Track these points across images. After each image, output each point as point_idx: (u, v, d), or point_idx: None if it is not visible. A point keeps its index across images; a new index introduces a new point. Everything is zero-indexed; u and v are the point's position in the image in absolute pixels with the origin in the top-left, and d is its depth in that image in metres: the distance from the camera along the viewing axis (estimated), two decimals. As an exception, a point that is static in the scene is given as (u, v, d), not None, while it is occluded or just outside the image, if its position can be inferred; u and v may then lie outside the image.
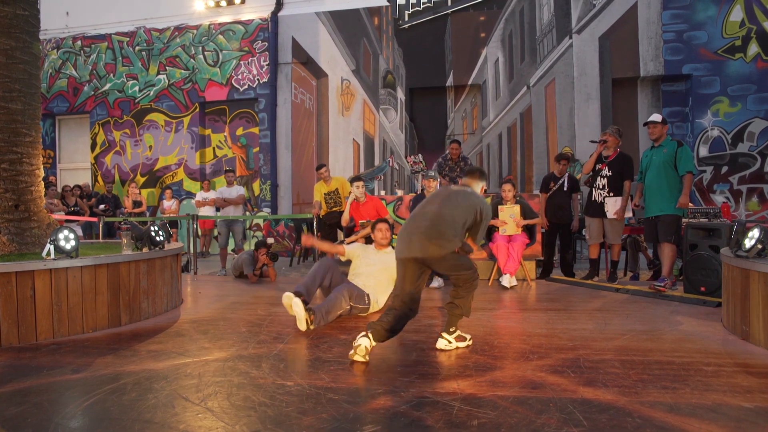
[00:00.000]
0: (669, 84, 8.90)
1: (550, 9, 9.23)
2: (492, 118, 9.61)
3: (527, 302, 4.95)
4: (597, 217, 5.70)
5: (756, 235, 3.40)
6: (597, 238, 5.77)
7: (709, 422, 2.07)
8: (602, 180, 5.65)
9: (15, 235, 4.23)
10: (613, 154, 5.66)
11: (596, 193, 5.70)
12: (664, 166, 5.13)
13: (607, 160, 5.66)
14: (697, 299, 4.61)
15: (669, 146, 5.16)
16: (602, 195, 5.64)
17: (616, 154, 5.66)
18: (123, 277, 4.01)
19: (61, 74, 11.25)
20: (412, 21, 9.82)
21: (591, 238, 5.84)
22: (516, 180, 9.29)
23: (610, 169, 5.62)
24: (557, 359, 2.94)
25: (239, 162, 10.70)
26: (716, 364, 2.85)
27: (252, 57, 10.36)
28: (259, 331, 3.72)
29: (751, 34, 8.33)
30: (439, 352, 3.14)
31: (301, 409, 2.25)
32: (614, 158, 5.64)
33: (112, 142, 11.07)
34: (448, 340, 3.18)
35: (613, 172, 5.60)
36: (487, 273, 6.26)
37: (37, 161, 4.56)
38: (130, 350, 3.28)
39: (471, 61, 9.64)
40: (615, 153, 5.67)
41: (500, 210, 5.89)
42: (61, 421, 2.19)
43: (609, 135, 5.68)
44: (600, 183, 5.67)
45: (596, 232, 5.75)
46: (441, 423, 2.09)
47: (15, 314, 3.40)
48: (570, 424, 2.06)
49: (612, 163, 5.62)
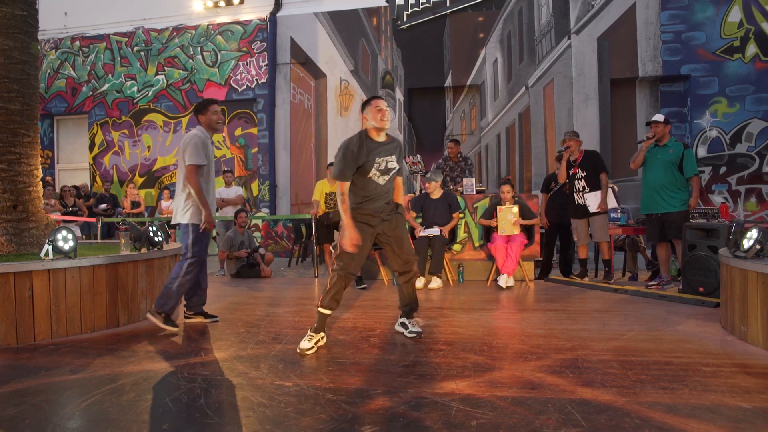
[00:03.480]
0: (667, 84, 8.91)
1: (549, 9, 9.23)
2: (490, 118, 9.62)
3: (525, 302, 4.95)
4: (582, 219, 5.86)
5: (754, 235, 3.41)
6: (585, 239, 5.94)
7: (708, 422, 2.07)
8: (579, 182, 5.86)
9: (13, 235, 4.23)
10: (580, 155, 5.88)
11: (578, 196, 5.88)
12: (670, 165, 5.20)
13: (577, 163, 5.87)
14: (696, 300, 4.61)
15: (675, 147, 5.24)
16: (584, 196, 5.82)
17: (582, 154, 5.88)
18: (121, 277, 4.00)
19: (60, 74, 11.23)
20: (411, 21, 9.82)
21: (579, 240, 6.00)
22: (514, 180, 9.29)
23: (583, 170, 5.83)
24: (556, 359, 2.94)
25: (238, 162, 10.69)
26: (715, 364, 2.85)
27: (250, 57, 10.35)
28: (257, 332, 3.71)
29: (749, 34, 8.34)
30: (439, 352, 3.13)
31: (299, 410, 2.25)
32: (582, 158, 5.86)
33: (111, 143, 11.05)
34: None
35: (587, 171, 5.80)
36: (485, 273, 6.26)
37: (36, 161, 4.55)
38: (129, 351, 3.28)
39: (469, 62, 9.64)
40: (581, 154, 5.88)
41: (499, 210, 5.89)
42: (59, 421, 2.18)
43: (569, 140, 5.90)
44: (578, 186, 5.87)
45: (583, 233, 5.91)
46: (440, 423, 2.08)
47: (13, 315, 3.39)
48: (569, 424, 2.06)
49: (582, 163, 5.84)
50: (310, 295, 5.50)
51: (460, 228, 6.41)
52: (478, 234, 6.45)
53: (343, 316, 4.23)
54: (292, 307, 4.73)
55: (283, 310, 4.59)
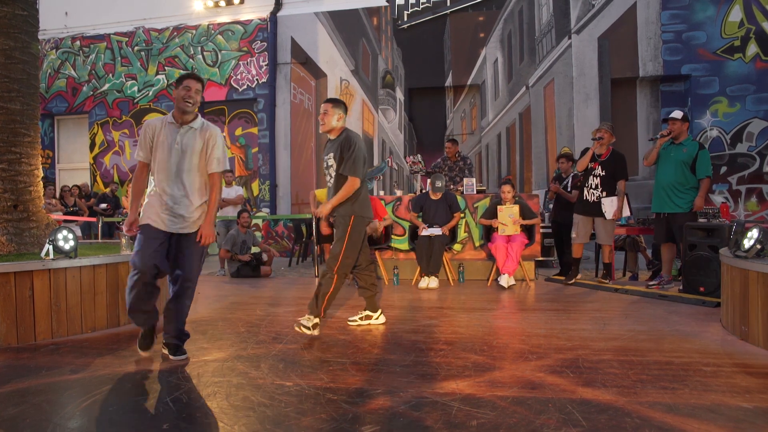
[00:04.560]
0: (668, 84, 8.90)
1: (549, 9, 9.23)
2: (491, 118, 9.61)
3: (526, 302, 4.95)
4: (588, 216, 5.58)
5: (755, 235, 3.41)
6: (584, 238, 5.65)
7: (708, 422, 2.07)
8: (595, 179, 5.54)
9: (14, 235, 4.23)
10: (606, 152, 5.54)
11: (589, 193, 5.58)
12: (683, 165, 5.02)
13: (601, 159, 5.54)
14: (696, 299, 4.61)
15: (690, 146, 5.05)
16: (595, 195, 5.53)
17: (609, 152, 5.54)
18: (122, 277, 4.00)
19: (60, 74, 11.23)
20: (411, 21, 9.81)
21: (578, 237, 5.68)
22: (515, 180, 9.29)
23: (603, 169, 5.51)
24: (556, 359, 2.94)
25: (238, 162, 10.69)
26: (715, 364, 2.85)
27: (251, 57, 10.35)
28: (257, 332, 3.72)
29: (750, 34, 8.34)
30: (439, 351, 3.13)
31: (299, 410, 2.25)
32: (607, 157, 5.53)
33: (111, 142, 11.06)
34: None
35: (606, 172, 5.50)
36: (485, 273, 6.26)
37: (36, 161, 4.55)
38: (129, 351, 3.28)
39: (470, 62, 9.64)
40: (608, 151, 5.55)
41: (499, 210, 5.88)
42: (59, 421, 2.19)
43: (605, 131, 5.53)
44: (593, 182, 5.55)
45: (584, 231, 5.61)
46: (440, 423, 2.08)
47: (14, 314, 3.39)
48: (569, 424, 2.06)
49: (605, 162, 5.52)
50: (310, 295, 5.47)
51: (461, 228, 6.41)
52: (478, 234, 6.45)
53: (343, 315, 4.23)
54: (293, 306, 4.72)
55: (284, 309, 4.59)
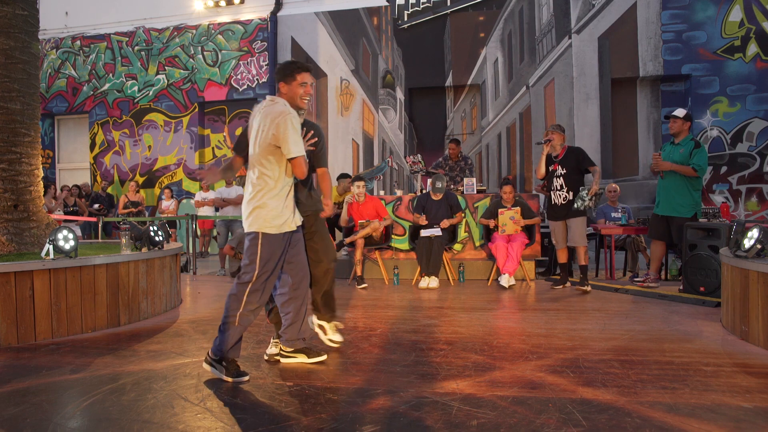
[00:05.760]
0: (668, 84, 8.90)
1: (550, 9, 9.22)
2: (491, 118, 9.61)
3: (526, 302, 4.95)
4: (559, 220, 5.48)
5: (755, 235, 3.41)
6: (563, 242, 5.53)
7: (709, 422, 2.07)
8: (558, 180, 5.43)
9: (14, 235, 4.23)
10: (562, 151, 5.46)
11: (555, 195, 5.47)
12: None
13: (558, 159, 5.46)
14: (696, 299, 4.61)
15: (687, 146, 4.99)
16: (561, 196, 5.41)
17: (564, 150, 5.47)
18: (122, 277, 4.01)
19: (60, 74, 11.23)
20: (412, 21, 9.81)
21: (558, 243, 5.60)
22: (515, 180, 9.29)
23: (563, 167, 5.41)
24: (556, 359, 2.94)
25: (238, 162, 10.68)
26: (715, 364, 2.85)
27: (251, 57, 10.35)
28: (258, 331, 3.72)
29: (750, 34, 8.33)
30: (439, 351, 3.13)
31: (300, 410, 2.25)
32: (564, 154, 5.44)
33: (111, 142, 11.05)
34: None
35: (567, 168, 5.38)
36: (486, 273, 6.26)
37: (36, 161, 4.55)
38: (129, 350, 3.28)
39: (470, 61, 9.63)
40: (564, 149, 5.47)
41: (500, 213, 5.87)
42: (60, 421, 2.19)
43: (552, 132, 5.49)
44: (557, 184, 5.44)
45: (561, 236, 5.51)
46: (440, 423, 2.08)
47: (14, 314, 3.39)
48: (569, 424, 2.06)
49: (564, 159, 5.42)
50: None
51: (461, 228, 6.40)
52: (478, 233, 6.45)
53: (343, 315, 4.23)
54: (293, 306, 4.71)
55: (284, 309, 4.58)
